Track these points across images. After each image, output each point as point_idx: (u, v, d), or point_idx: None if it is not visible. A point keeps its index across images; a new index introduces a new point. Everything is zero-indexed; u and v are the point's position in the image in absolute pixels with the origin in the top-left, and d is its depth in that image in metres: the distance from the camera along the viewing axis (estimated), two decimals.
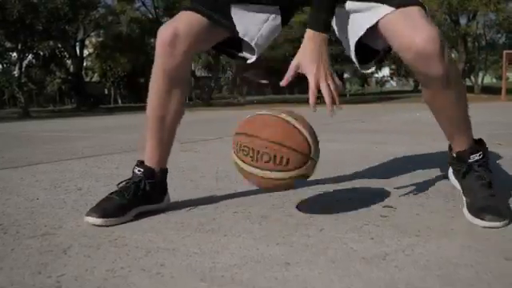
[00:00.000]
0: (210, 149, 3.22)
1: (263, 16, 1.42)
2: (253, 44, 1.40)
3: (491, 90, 22.38)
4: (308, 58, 1.26)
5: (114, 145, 3.81)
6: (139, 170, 1.47)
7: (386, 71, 40.50)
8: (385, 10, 1.23)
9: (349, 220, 1.32)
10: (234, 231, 1.25)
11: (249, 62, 1.47)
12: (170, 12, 23.43)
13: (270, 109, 1.36)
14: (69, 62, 23.58)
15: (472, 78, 26.13)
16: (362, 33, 1.27)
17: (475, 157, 1.37)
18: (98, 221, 1.33)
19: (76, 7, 17.66)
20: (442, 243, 1.09)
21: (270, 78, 31.99)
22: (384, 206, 1.45)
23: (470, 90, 23.75)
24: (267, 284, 0.90)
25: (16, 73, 18.51)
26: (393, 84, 46.91)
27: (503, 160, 2.31)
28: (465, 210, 1.29)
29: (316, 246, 1.10)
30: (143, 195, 1.43)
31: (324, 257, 1.03)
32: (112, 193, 1.43)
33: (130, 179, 1.46)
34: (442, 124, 1.42)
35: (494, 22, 23.06)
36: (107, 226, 1.32)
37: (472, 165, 1.36)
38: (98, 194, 1.78)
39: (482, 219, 1.20)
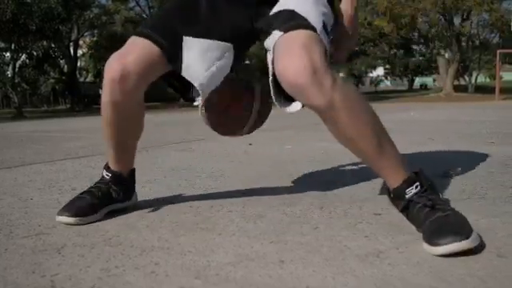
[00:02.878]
0: (204, 148, 3.22)
1: (215, 54, 1.32)
2: (196, 84, 1.30)
3: (485, 90, 22.52)
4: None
5: None
6: (107, 175, 1.47)
7: (380, 71, 40.64)
8: (276, 34, 1.16)
9: (343, 218, 1.32)
10: (228, 230, 1.25)
11: (195, 104, 1.38)
12: None
13: None
14: (63, 62, 23.48)
15: (466, 77, 26.27)
16: (269, 64, 1.19)
17: (412, 190, 1.16)
18: (71, 220, 1.34)
19: (70, 7, 17.57)
20: None
21: (262, 78, 31.95)
22: (377, 205, 1.46)
23: (464, 89, 23.89)
24: (261, 282, 0.90)
25: (9, 73, 18.41)
26: (387, 83, 47.06)
27: (495, 158, 2.32)
28: (424, 245, 1.05)
29: (310, 244, 1.11)
30: (112, 196, 1.45)
31: (318, 255, 1.04)
32: (83, 193, 1.45)
33: (99, 182, 1.47)
34: (363, 160, 1.26)
35: (487, 21, 23.18)
36: (79, 225, 1.33)
37: (411, 199, 1.16)
38: None
39: (436, 245, 1.00)
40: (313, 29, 1.15)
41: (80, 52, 26.45)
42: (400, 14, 20.57)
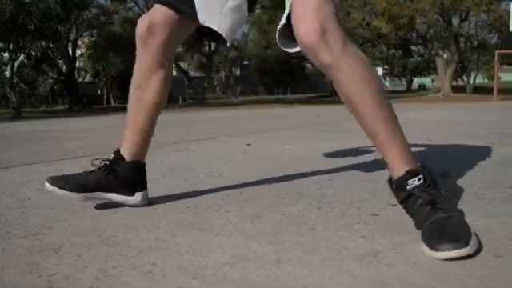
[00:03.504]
0: (203, 148, 3.22)
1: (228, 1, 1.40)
2: (218, 29, 1.39)
3: (483, 90, 22.52)
4: None
5: (106, 145, 3.80)
6: (113, 158, 1.50)
7: (379, 71, 40.65)
8: None
9: (340, 219, 1.33)
10: (226, 230, 1.25)
11: (227, 45, 1.49)
12: None
13: None
14: (61, 62, 23.42)
15: (464, 78, 26.29)
16: (284, 21, 1.26)
17: (414, 182, 1.15)
18: (61, 192, 1.45)
19: (68, 7, 17.55)
20: None
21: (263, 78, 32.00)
22: (375, 205, 1.46)
23: (462, 90, 23.91)
24: (259, 282, 0.90)
25: (8, 73, 18.38)
26: (386, 84, 47.07)
27: (494, 159, 2.33)
28: (422, 245, 1.04)
29: (308, 245, 1.11)
30: (112, 182, 1.48)
31: (316, 255, 1.04)
32: (84, 172, 1.52)
33: (101, 165, 1.50)
34: (367, 130, 1.25)
35: (485, 22, 23.21)
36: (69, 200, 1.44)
37: (412, 191, 1.15)
38: None
39: (436, 250, 0.98)
40: None
41: (78, 52, 26.38)
42: (398, 15, 20.57)
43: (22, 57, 18.95)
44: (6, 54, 18.27)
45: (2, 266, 1.04)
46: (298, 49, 1.27)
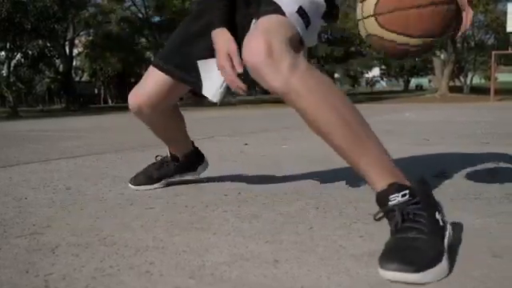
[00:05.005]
0: (200, 148, 3.20)
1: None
2: (215, 100, 1.52)
3: (480, 91, 22.58)
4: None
5: (103, 144, 3.79)
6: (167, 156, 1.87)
7: (376, 71, 40.71)
8: (254, 24, 1.24)
9: (338, 218, 1.33)
10: (223, 229, 1.25)
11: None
12: (161, 11, 23.37)
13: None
14: (58, 61, 23.38)
15: (461, 78, 26.34)
16: None
17: (396, 197, 1.01)
18: (133, 187, 1.82)
19: (65, 6, 17.53)
20: None
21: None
22: (372, 205, 1.45)
23: (459, 90, 23.96)
24: (256, 281, 0.90)
25: (4, 72, 18.34)
26: (383, 84, 47.16)
27: (491, 159, 2.33)
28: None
29: (305, 244, 1.11)
30: (171, 169, 1.87)
31: (313, 254, 1.04)
32: (150, 165, 1.87)
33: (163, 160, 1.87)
34: (340, 154, 1.12)
35: (482, 22, 23.25)
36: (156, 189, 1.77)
37: (392, 209, 1.01)
38: (86, 193, 1.78)
39: (383, 269, 0.89)
40: (282, 13, 1.16)
41: (75, 51, 26.36)
42: None
43: (18, 56, 18.92)
44: (3, 53, 18.24)
45: None
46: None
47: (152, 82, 1.56)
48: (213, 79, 1.49)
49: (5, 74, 18.15)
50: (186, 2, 21.11)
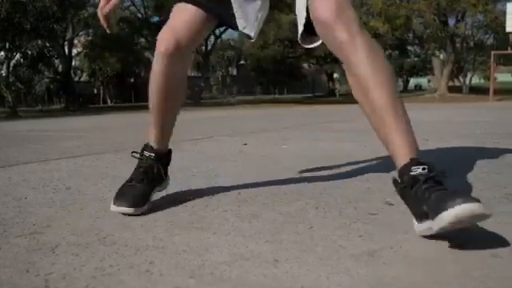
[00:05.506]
0: (200, 148, 3.22)
1: (257, 3, 1.47)
2: (252, 34, 1.47)
3: (479, 91, 22.60)
4: None
5: (103, 144, 3.79)
6: (150, 155, 1.54)
7: None
8: None
9: (337, 218, 1.33)
10: (223, 229, 1.25)
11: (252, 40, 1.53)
12: (160, 11, 23.34)
13: None
14: (57, 61, 23.34)
15: (460, 78, 26.34)
16: (304, 13, 1.32)
17: (418, 169, 1.11)
18: (130, 210, 1.40)
19: (65, 6, 17.51)
20: (429, 240, 1.10)
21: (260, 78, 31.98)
22: (372, 205, 1.46)
23: (459, 90, 23.97)
24: (256, 281, 0.90)
25: (4, 72, 18.33)
26: None
27: (490, 158, 2.33)
28: (416, 226, 1.08)
29: (305, 244, 1.11)
30: (156, 178, 1.53)
31: (313, 254, 1.04)
32: (131, 180, 1.50)
33: (140, 165, 1.53)
34: (374, 119, 1.23)
35: (482, 22, 23.26)
36: (135, 215, 1.39)
37: (416, 177, 1.10)
38: (86, 193, 1.78)
39: (450, 208, 0.94)
40: None
41: (75, 51, 26.30)
42: (395, 15, 20.61)
43: (18, 56, 18.91)
44: (2, 53, 18.22)
45: None
46: (318, 42, 1.35)
47: (181, 19, 1.43)
48: (246, 12, 1.47)
49: (4, 74, 18.14)
50: None
